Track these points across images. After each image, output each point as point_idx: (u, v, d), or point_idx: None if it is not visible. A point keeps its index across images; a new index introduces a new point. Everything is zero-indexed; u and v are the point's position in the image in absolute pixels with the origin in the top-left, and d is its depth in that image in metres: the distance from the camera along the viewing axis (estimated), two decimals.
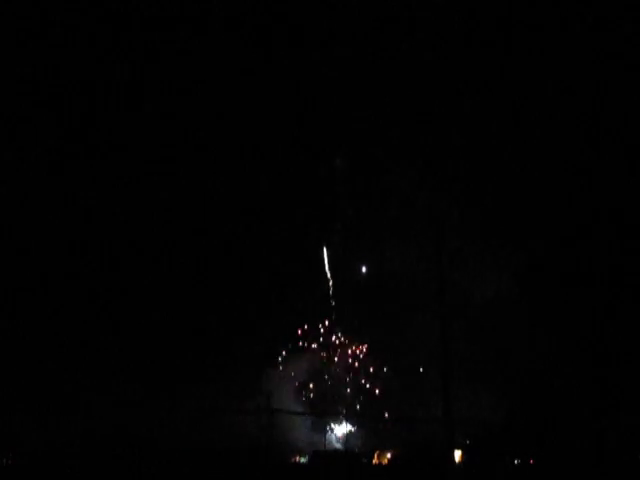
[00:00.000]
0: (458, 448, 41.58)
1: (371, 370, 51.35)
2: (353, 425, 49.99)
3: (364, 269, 50.71)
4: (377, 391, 50.77)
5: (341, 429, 50.59)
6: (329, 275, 52.09)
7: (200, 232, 49.90)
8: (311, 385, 52.07)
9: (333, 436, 50.56)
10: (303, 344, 52.55)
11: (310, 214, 50.55)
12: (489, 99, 46.05)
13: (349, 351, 52.50)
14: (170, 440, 42.21)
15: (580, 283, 45.12)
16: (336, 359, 52.66)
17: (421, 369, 47.93)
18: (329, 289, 52.02)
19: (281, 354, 52.49)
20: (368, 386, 51.17)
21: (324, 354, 52.67)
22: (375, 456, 44.77)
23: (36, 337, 45.74)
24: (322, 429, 50.32)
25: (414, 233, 45.63)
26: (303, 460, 44.88)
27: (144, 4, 46.28)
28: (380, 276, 49.18)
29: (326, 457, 42.72)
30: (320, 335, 52.80)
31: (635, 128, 43.97)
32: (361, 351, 52.29)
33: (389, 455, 44.78)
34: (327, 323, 52.76)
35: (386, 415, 49.19)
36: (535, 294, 44.88)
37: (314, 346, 52.92)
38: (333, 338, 52.83)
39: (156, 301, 48.81)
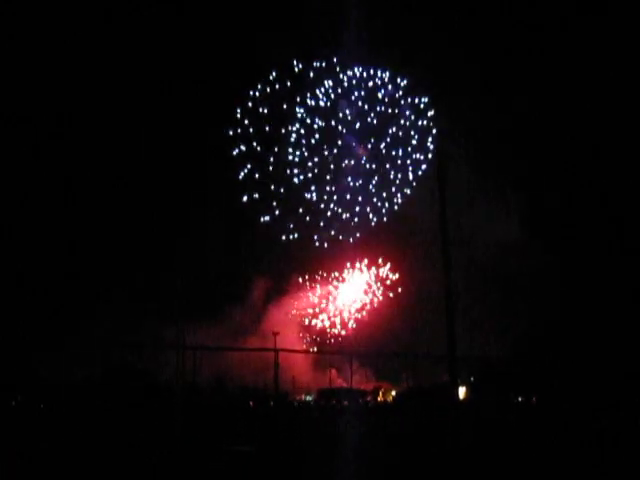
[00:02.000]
0: (462, 385, 41.96)
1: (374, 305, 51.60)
2: (358, 364, 50.38)
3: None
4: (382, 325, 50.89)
5: (345, 367, 50.93)
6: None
7: None
8: (314, 322, 52.16)
9: (337, 375, 50.91)
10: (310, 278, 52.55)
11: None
12: None
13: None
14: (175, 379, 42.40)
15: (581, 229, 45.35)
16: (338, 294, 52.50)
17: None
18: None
19: (286, 289, 52.45)
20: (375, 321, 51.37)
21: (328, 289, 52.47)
22: (380, 394, 45.20)
23: None
24: (325, 368, 50.63)
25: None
26: (309, 398, 45.29)
27: None
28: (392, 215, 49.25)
29: (332, 395, 43.12)
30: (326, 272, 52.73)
31: None
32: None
33: (394, 393, 45.19)
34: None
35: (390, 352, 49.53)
36: (542, 237, 45.00)
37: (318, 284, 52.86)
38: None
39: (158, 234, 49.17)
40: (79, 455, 23.79)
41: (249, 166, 51.52)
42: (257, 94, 51.79)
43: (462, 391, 41.78)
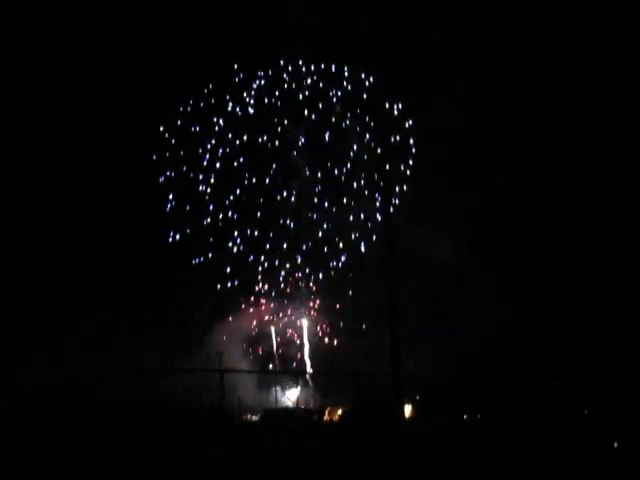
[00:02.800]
0: (408, 403, 42.16)
1: (323, 327, 51.37)
2: (303, 383, 50.26)
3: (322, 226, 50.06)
4: (327, 342, 50.67)
5: (290, 387, 50.80)
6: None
7: None
8: (260, 344, 51.70)
9: (282, 394, 50.70)
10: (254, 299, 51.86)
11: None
12: None
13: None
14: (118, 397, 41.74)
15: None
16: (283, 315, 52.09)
17: (363, 326, 48.36)
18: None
19: (230, 308, 51.56)
20: (318, 340, 51.19)
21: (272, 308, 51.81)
22: (326, 413, 45.11)
23: None
24: (270, 387, 50.31)
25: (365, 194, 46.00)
26: (255, 418, 44.96)
27: None
28: (333, 234, 49.18)
29: (278, 415, 42.84)
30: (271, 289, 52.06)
31: None
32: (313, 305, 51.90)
33: (340, 412, 45.15)
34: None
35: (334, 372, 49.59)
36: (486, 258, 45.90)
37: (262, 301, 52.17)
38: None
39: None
40: None
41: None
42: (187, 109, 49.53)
43: (408, 409, 41.97)
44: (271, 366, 51.44)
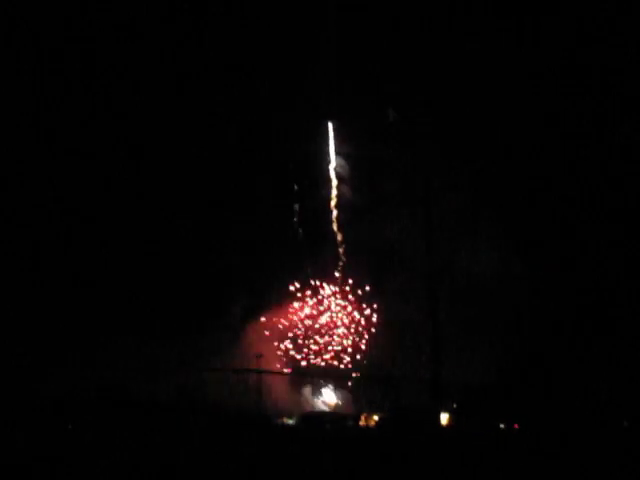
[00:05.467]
0: (445, 412, 42.19)
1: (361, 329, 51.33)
2: (340, 388, 50.18)
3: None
4: (364, 349, 50.61)
5: (327, 391, 50.64)
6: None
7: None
8: (292, 343, 51.62)
9: (318, 398, 50.64)
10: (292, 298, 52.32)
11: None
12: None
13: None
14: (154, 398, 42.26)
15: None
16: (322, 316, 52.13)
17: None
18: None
19: (265, 308, 51.94)
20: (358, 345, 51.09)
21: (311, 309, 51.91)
22: (362, 418, 45.19)
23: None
24: (302, 389, 50.19)
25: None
26: (290, 422, 45.12)
27: None
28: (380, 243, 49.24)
29: (315, 419, 43.06)
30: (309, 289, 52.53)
31: None
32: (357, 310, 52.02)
33: (376, 418, 45.19)
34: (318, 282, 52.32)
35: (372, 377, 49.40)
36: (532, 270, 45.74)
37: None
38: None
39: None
40: None
41: None
42: None
43: (445, 417, 42.00)
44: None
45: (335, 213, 51.69)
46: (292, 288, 51.53)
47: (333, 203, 51.67)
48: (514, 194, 46.68)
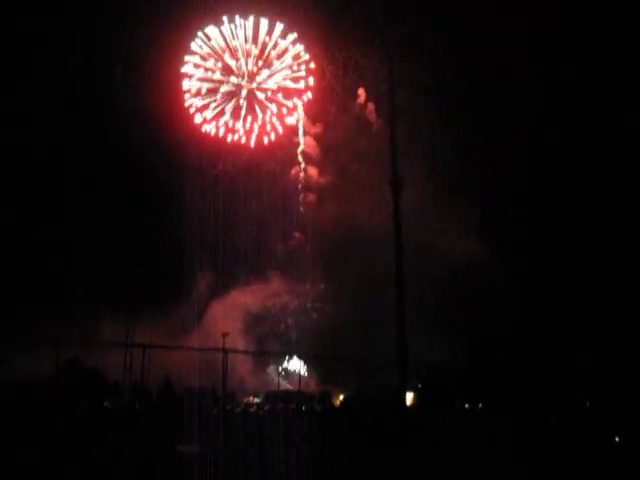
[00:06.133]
0: (410, 391, 42.14)
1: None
2: (304, 365, 49.78)
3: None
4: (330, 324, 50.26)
5: (291, 368, 50.15)
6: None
7: None
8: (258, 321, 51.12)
9: (283, 377, 50.19)
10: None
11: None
12: None
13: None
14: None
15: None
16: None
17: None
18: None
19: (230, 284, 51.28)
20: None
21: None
22: (327, 398, 45.02)
23: None
24: (267, 368, 49.86)
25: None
26: (257, 400, 44.85)
27: None
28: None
29: (279, 398, 42.80)
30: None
31: None
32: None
33: (341, 397, 45.08)
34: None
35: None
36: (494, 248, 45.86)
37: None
38: None
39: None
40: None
41: None
42: None
43: (410, 397, 41.96)
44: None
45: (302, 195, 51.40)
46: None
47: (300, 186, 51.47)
48: (482, 179, 46.69)
